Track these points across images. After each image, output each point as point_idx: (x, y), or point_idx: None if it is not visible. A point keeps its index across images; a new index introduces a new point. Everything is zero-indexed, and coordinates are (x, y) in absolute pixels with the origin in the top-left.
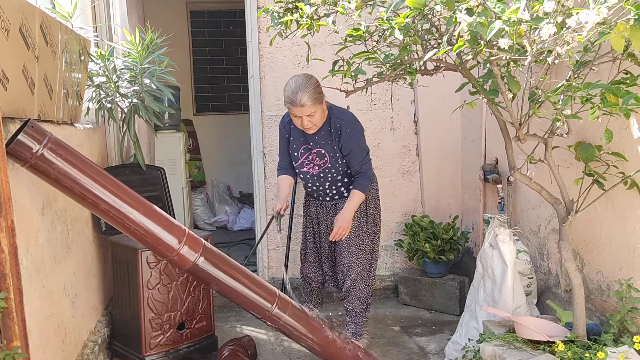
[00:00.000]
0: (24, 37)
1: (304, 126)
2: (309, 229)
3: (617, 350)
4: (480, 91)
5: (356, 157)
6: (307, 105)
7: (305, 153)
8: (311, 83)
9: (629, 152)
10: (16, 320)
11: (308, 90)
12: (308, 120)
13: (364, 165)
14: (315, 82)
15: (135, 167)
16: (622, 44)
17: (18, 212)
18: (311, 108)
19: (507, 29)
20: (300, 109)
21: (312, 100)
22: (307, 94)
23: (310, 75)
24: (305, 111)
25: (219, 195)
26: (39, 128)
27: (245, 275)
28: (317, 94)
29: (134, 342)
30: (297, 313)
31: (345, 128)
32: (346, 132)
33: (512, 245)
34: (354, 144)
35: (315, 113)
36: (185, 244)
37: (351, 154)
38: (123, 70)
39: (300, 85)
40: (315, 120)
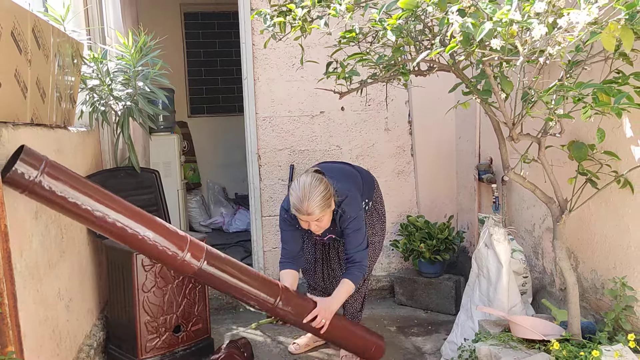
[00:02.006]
0: (15, 41)
1: (311, 229)
2: (306, 243)
3: (611, 348)
4: (474, 91)
5: (352, 240)
6: (315, 214)
7: (314, 238)
8: (319, 191)
9: (621, 151)
10: (10, 325)
11: (315, 199)
12: (316, 225)
13: (360, 253)
14: (324, 188)
15: (130, 170)
16: (613, 44)
17: (11, 216)
18: (319, 215)
19: (498, 29)
20: (308, 217)
21: (320, 208)
22: (315, 203)
23: (319, 177)
24: (313, 218)
25: (214, 197)
26: (34, 154)
27: (247, 273)
28: (325, 201)
29: (130, 346)
30: (300, 303)
31: (347, 214)
32: (346, 218)
33: (507, 244)
34: (353, 228)
35: (324, 217)
36: (189, 251)
37: (349, 236)
38: (116, 73)
39: (308, 193)
40: (323, 224)
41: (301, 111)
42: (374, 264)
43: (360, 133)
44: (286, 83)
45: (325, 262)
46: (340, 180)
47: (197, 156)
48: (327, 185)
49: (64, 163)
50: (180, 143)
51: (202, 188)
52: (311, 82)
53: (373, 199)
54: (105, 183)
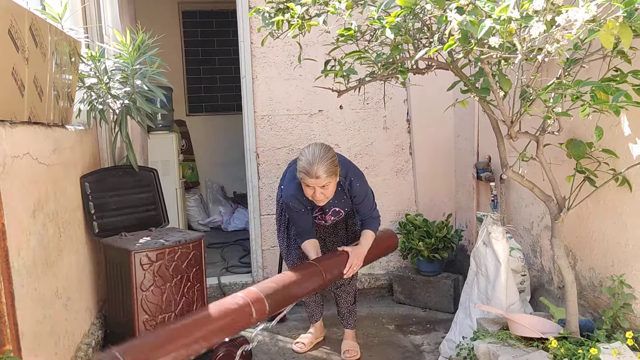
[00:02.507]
0: (13, 39)
1: (315, 198)
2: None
3: (609, 346)
4: (472, 89)
5: (366, 205)
6: (322, 178)
7: (319, 212)
8: (328, 156)
9: (619, 149)
10: (8, 324)
11: (324, 163)
12: (320, 192)
13: (374, 212)
14: (332, 155)
15: (128, 169)
16: (611, 42)
17: (8, 215)
18: (326, 180)
19: (497, 27)
20: (315, 181)
21: (328, 173)
22: (324, 166)
23: (327, 147)
24: (320, 182)
25: (212, 195)
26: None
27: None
28: (333, 167)
29: None
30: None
31: (355, 182)
32: (356, 186)
33: (505, 242)
34: (363, 193)
35: (330, 184)
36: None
37: (362, 202)
38: (114, 71)
39: (317, 157)
40: (328, 192)
41: (300, 110)
42: None
43: (358, 131)
44: (285, 81)
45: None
46: (356, 166)
47: (195, 155)
48: (335, 155)
49: (62, 162)
50: (178, 142)
51: (200, 187)
52: (310, 81)
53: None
54: (104, 182)
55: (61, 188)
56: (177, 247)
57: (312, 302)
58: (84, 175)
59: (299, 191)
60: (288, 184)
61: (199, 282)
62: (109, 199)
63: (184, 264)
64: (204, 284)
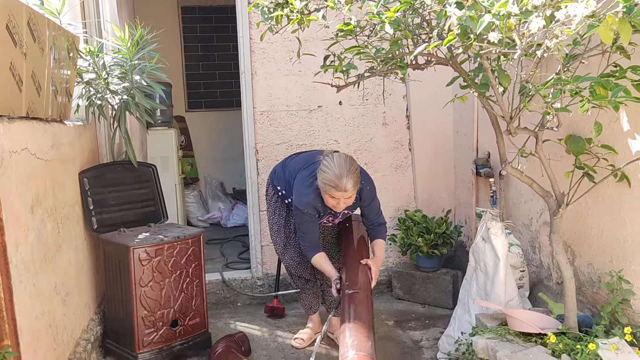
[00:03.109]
0: (10, 33)
1: (337, 207)
2: (288, 227)
3: (608, 341)
4: (471, 85)
5: (373, 210)
6: (350, 191)
7: (327, 216)
8: (353, 168)
9: (618, 144)
10: (6, 319)
11: (352, 176)
12: (344, 202)
13: (381, 217)
14: (357, 166)
15: (127, 164)
16: (610, 37)
17: (7, 210)
18: (353, 192)
19: (496, 22)
20: (343, 194)
21: (355, 185)
22: (352, 180)
23: (351, 157)
24: (347, 195)
25: (212, 191)
26: None
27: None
28: (358, 178)
29: (127, 340)
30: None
31: (366, 186)
32: (367, 190)
33: (504, 238)
34: (371, 198)
35: (353, 196)
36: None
37: (369, 206)
38: (113, 66)
39: (345, 171)
40: (350, 202)
41: (299, 105)
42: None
43: (358, 127)
44: (284, 77)
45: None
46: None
47: (194, 151)
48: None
49: (60, 157)
50: (177, 138)
51: (199, 183)
52: (309, 77)
53: None
54: (103, 177)
55: (60, 184)
56: (176, 243)
57: (310, 294)
58: (82, 171)
59: (317, 199)
60: (303, 191)
61: (198, 278)
62: (108, 194)
63: (183, 259)
64: (203, 280)
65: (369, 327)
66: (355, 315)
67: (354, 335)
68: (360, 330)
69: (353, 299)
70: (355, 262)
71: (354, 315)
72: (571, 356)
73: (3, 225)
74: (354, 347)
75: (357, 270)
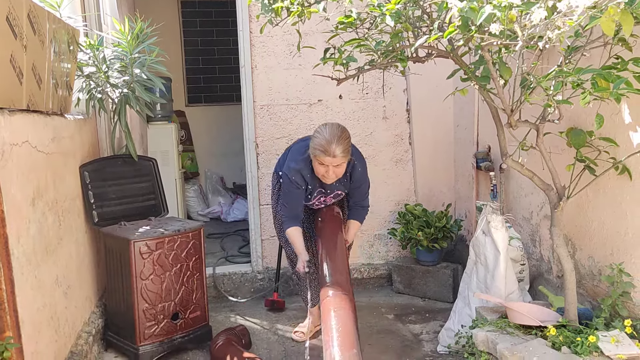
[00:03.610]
0: (11, 26)
1: (326, 176)
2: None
3: (608, 334)
4: (472, 78)
5: (361, 192)
6: (339, 157)
7: (318, 196)
8: (345, 136)
9: (620, 137)
10: (8, 311)
11: (342, 142)
12: (333, 171)
13: (366, 200)
14: (348, 135)
15: (127, 158)
16: (612, 28)
17: (8, 202)
18: (342, 159)
19: (498, 14)
20: (332, 159)
21: (345, 152)
22: (342, 146)
23: (344, 127)
24: (336, 161)
25: (212, 186)
26: None
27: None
28: (348, 147)
29: (128, 333)
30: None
31: (358, 166)
32: (358, 171)
33: (505, 232)
34: (363, 180)
35: (342, 165)
36: None
37: (359, 188)
38: (113, 60)
39: (336, 137)
40: (339, 171)
41: (299, 99)
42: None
43: (358, 121)
44: (284, 71)
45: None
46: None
47: (195, 145)
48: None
49: (61, 150)
50: (177, 132)
51: (200, 177)
52: (309, 70)
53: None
54: (103, 171)
55: (60, 177)
56: (177, 236)
57: (312, 286)
58: (83, 165)
59: (307, 168)
60: (295, 158)
61: (198, 272)
62: (109, 188)
63: (183, 253)
64: (203, 273)
65: (355, 336)
66: (339, 322)
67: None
68: (345, 341)
69: (336, 303)
70: (336, 249)
71: (338, 322)
72: (571, 348)
73: (4, 217)
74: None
75: (339, 262)
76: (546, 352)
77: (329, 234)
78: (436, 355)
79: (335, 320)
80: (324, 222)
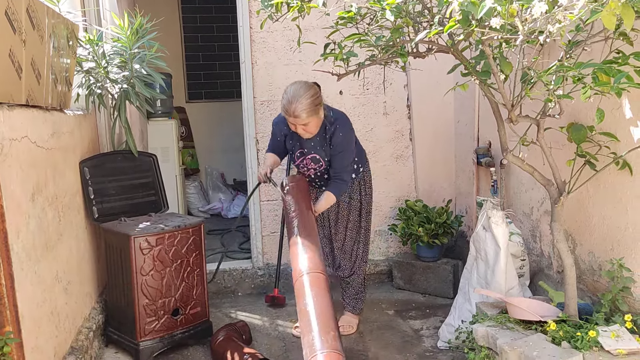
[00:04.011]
0: (9, 20)
1: (298, 132)
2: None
3: (608, 329)
4: (473, 73)
5: (340, 162)
6: (302, 117)
7: (301, 157)
8: (308, 94)
9: (620, 132)
10: (8, 306)
11: (304, 102)
12: (302, 128)
13: (345, 173)
14: (314, 93)
15: (127, 154)
16: (613, 22)
17: (7, 197)
18: (305, 119)
19: (498, 8)
20: (294, 119)
21: (307, 112)
22: (302, 105)
23: (310, 84)
24: (299, 122)
25: (212, 182)
26: None
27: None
28: (313, 106)
29: (129, 328)
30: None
31: (338, 132)
32: (339, 136)
33: (505, 227)
34: (343, 148)
35: (310, 123)
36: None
37: (338, 155)
38: (112, 55)
39: (297, 96)
40: (309, 129)
41: None
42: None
43: (358, 117)
44: (284, 67)
45: (325, 237)
46: (346, 116)
47: (195, 142)
48: (317, 92)
49: (60, 146)
50: (178, 128)
51: (200, 174)
52: (309, 66)
53: (364, 169)
54: (103, 167)
55: (60, 172)
56: (177, 232)
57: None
58: (83, 160)
59: (284, 123)
60: (280, 113)
61: (198, 267)
62: (109, 184)
63: (183, 248)
64: (203, 269)
65: (333, 319)
66: (316, 307)
67: (321, 333)
68: (324, 324)
69: (313, 285)
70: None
71: (316, 307)
72: (571, 343)
73: (4, 212)
74: (323, 346)
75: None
76: (546, 347)
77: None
78: (436, 350)
79: (312, 303)
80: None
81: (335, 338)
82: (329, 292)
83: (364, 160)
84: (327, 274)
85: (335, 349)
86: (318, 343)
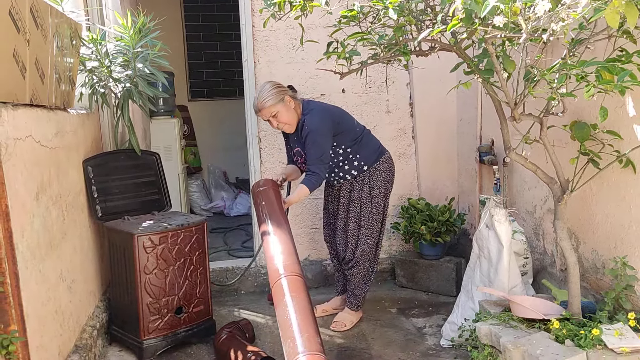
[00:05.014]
0: (13, 20)
1: (278, 128)
2: (325, 204)
3: (612, 327)
4: (475, 71)
5: (311, 152)
6: (266, 107)
7: (291, 152)
8: (270, 85)
9: (624, 130)
10: (13, 305)
11: (262, 93)
12: (276, 122)
13: (316, 165)
14: (273, 84)
15: (131, 153)
16: (617, 20)
17: (12, 196)
18: (270, 109)
19: (501, 6)
20: (262, 113)
21: (271, 100)
22: (264, 94)
23: (272, 81)
24: (266, 113)
25: (215, 181)
26: None
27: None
28: (272, 95)
29: (132, 327)
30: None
31: (305, 125)
32: (305, 129)
33: (508, 225)
34: (311, 141)
35: (278, 112)
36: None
37: (307, 147)
38: (115, 54)
39: (259, 91)
40: (282, 119)
41: (302, 93)
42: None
43: (361, 115)
44: (287, 65)
45: (337, 229)
46: (324, 107)
47: (197, 140)
48: (276, 85)
49: (64, 145)
50: (180, 127)
51: (202, 172)
52: (312, 64)
53: (372, 168)
54: (106, 165)
55: (64, 171)
56: (180, 231)
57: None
58: (86, 159)
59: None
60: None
61: (202, 266)
62: (112, 182)
63: (187, 247)
64: (206, 267)
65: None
66: (295, 307)
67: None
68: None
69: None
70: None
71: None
72: (575, 341)
73: (9, 211)
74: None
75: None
76: (549, 345)
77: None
78: (439, 348)
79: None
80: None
81: (309, 339)
82: (307, 294)
83: (371, 158)
84: (303, 277)
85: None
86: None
